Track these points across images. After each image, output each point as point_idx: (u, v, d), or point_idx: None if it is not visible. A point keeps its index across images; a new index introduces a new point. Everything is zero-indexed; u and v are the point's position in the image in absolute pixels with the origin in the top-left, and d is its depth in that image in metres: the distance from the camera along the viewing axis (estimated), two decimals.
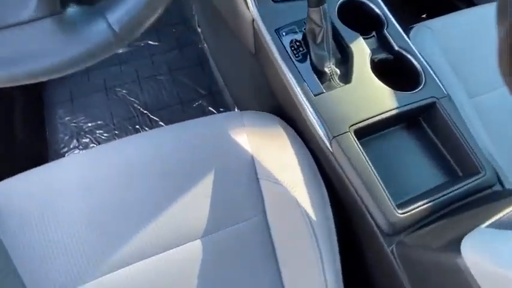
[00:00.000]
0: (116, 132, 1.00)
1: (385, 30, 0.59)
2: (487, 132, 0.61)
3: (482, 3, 0.90)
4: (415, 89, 0.54)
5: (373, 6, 0.60)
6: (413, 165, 0.51)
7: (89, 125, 1.03)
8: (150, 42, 1.17)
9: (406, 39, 0.59)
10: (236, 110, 1.02)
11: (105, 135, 1.00)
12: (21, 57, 0.32)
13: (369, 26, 0.61)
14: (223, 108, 1.05)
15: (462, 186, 0.46)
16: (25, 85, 0.34)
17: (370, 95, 0.51)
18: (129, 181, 0.53)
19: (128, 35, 0.35)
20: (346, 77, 0.54)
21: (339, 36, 0.57)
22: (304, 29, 0.57)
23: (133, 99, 1.06)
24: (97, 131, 1.01)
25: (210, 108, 1.03)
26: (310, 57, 0.54)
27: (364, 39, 0.58)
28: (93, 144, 0.99)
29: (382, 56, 0.57)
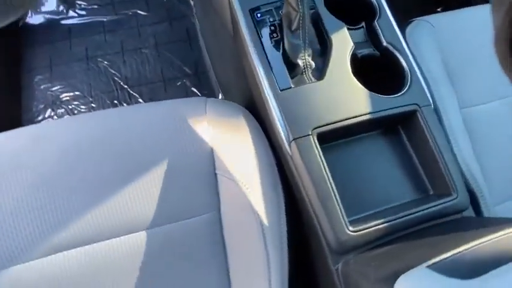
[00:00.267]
0: (93, 105, 0.96)
1: (376, 22, 0.52)
2: (474, 148, 0.56)
3: None
4: (398, 92, 0.48)
5: None
6: (381, 178, 0.46)
7: (66, 95, 0.98)
8: (139, 11, 1.09)
9: (398, 34, 0.52)
10: (220, 95, 0.97)
11: (82, 107, 0.96)
12: None
13: (360, 15, 0.54)
14: (207, 91, 0.99)
15: (428, 208, 0.41)
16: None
17: (343, 95, 0.45)
18: (75, 161, 0.49)
19: None
20: (321, 71, 0.48)
21: (320, 25, 0.51)
22: (281, 13, 0.50)
23: (114, 72, 1.00)
24: (74, 102, 0.97)
25: (193, 89, 0.97)
26: (283, 45, 0.48)
27: (350, 30, 0.52)
28: (67, 116, 0.95)
29: (367, 51, 0.50)
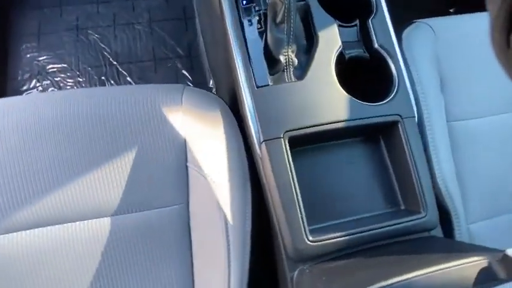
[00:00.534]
0: (80, 79, 0.93)
1: (370, 21, 0.48)
2: (457, 163, 0.54)
3: None
4: (384, 99, 0.46)
5: None
6: (354, 187, 0.45)
7: (53, 66, 0.95)
8: None
9: (392, 36, 0.48)
10: (211, 82, 0.94)
11: (68, 80, 0.93)
12: None
13: (355, 11, 0.50)
14: (198, 76, 0.96)
15: (394, 224, 0.40)
16: None
17: (322, 99, 0.42)
18: (42, 141, 0.47)
19: None
20: (303, 70, 0.45)
21: (309, 19, 0.47)
22: (268, 1, 0.47)
23: (104, 46, 0.96)
24: (60, 75, 0.94)
25: (184, 72, 0.94)
26: (265, 38, 0.45)
27: (342, 27, 0.48)
28: (52, 88, 0.92)
29: (355, 52, 0.47)
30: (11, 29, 0.98)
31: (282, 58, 0.44)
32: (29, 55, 0.97)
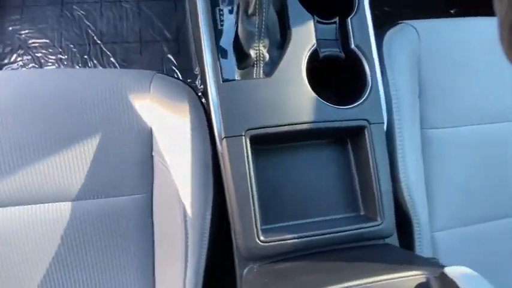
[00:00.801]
0: (62, 56, 0.90)
1: (350, 19, 0.46)
2: (428, 171, 0.53)
3: None
4: (355, 102, 0.45)
5: None
6: (315, 190, 0.44)
7: (35, 41, 0.92)
8: None
9: (370, 37, 0.46)
10: (197, 69, 0.91)
11: (50, 57, 0.91)
12: None
13: (335, 8, 0.48)
14: (186, 61, 0.93)
15: (349, 229, 0.40)
16: None
17: (289, 98, 0.41)
18: (3, 119, 0.46)
19: None
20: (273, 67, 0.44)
21: (285, 13, 0.45)
22: None
23: (89, 24, 0.93)
24: (42, 51, 0.91)
25: (169, 56, 0.91)
26: (236, 30, 0.43)
27: (321, 24, 0.46)
28: (33, 65, 0.90)
29: (331, 51, 0.46)
30: None
31: (252, 53, 0.43)
32: (11, 28, 0.93)
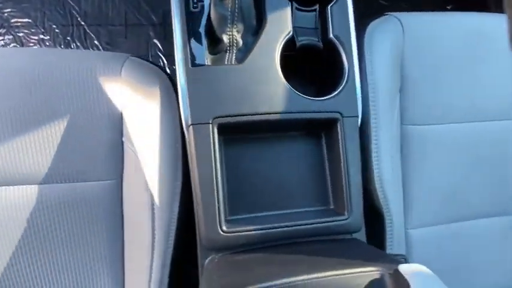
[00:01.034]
0: (44, 37, 0.88)
1: (329, 7, 0.45)
2: (406, 168, 0.52)
3: None
4: (330, 93, 0.43)
5: None
6: (286, 182, 0.43)
7: (17, 20, 0.89)
8: None
9: (350, 27, 0.45)
10: None
11: (32, 37, 0.88)
12: None
13: None
14: (172, 46, 0.90)
15: (315, 223, 0.39)
16: None
17: (260, 86, 0.39)
18: None
19: None
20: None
21: None
22: None
23: (73, 4, 0.90)
24: (23, 30, 0.88)
25: (155, 41, 0.89)
26: (209, 14, 0.42)
27: (300, 11, 0.44)
28: (14, 44, 0.87)
29: (308, 40, 0.44)
30: None
31: (225, 37, 0.41)
32: None
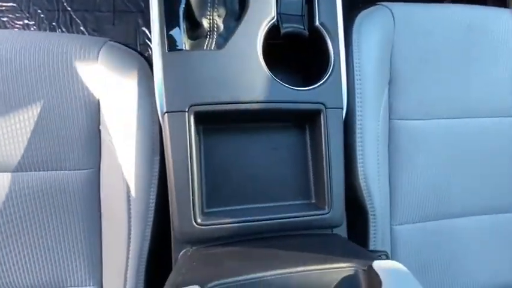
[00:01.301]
0: (29, 22, 0.85)
1: None
2: (394, 163, 0.51)
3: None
4: (313, 84, 0.42)
5: None
6: (268, 174, 0.41)
7: (2, 4, 0.86)
8: None
9: (337, 14, 0.43)
10: None
11: (16, 22, 0.85)
12: None
13: None
14: None
15: (294, 217, 0.38)
16: None
17: (240, 74, 0.38)
18: None
19: None
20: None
21: None
22: None
23: None
24: (8, 15, 0.85)
25: (144, 29, 0.87)
26: None
27: None
28: None
29: (294, 27, 0.42)
30: None
31: (204, 22, 0.39)
32: None
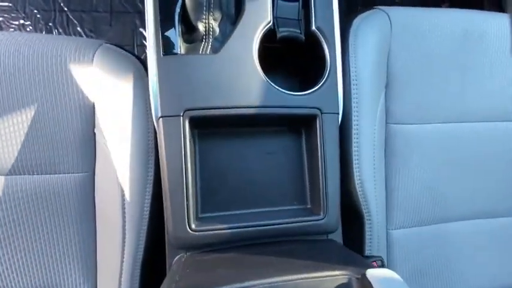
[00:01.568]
0: (25, 22, 0.84)
1: None
2: (390, 167, 0.51)
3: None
4: (310, 88, 0.42)
5: None
6: (264, 179, 0.41)
7: None
8: None
9: (334, 19, 0.43)
10: None
11: (12, 22, 0.84)
12: None
13: None
14: None
15: (290, 222, 0.37)
16: None
17: (236, 79, 0.37)
18: None
19: None
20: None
21: None
22: None
23: None
24: (3, 15, 0.84)
25: (141, 30, 0.86)
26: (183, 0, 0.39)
27: (283, 1, 0.42)
28: None
29: (290, 32, 0.42)
30: None
31: (200, 26, 0.39)
32: None
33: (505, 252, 0.59)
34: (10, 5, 0.86)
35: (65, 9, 0.86)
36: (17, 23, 0.85)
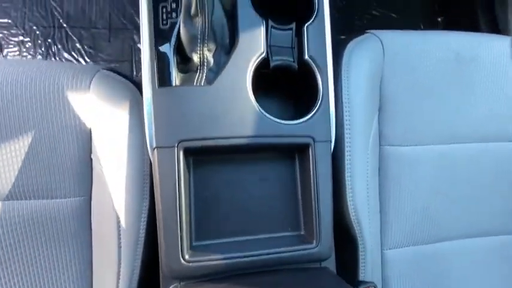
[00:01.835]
0: (24, 39, 0.85)
1: (306, 26, 0.43)
2: (384, 188, 0.52)
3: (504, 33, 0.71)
4: (303, 117, 0.42)
5: None
6: (258, 206, 0.42)
7: None
8: None
9: (326, 48, 0.43)
10: None
11: (11, 39, 0.85)
12: None
13: (293, 12, 0.45)
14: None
15: (283, 251, 0.38)
16: None
17: (230, 109, 0.38)
18: None
19: None
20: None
21: (235, 16, 0.42)
22: None
23: (55, 5, 0.87)
24: (3, 31, 0.85)
25: (139, 45, 0.87)
26: (178, 31, 0.40)
27: (276, 29, 0.43)
28: None
29: (283, 60, 0.43)
30: None
31: (194, 57, 0.40)
32: None
33: (500, 270, 0.60)
34: (9, 21, 0.86)
35: (64, 25, 0.87)
36: (16, 39, 0.86)
